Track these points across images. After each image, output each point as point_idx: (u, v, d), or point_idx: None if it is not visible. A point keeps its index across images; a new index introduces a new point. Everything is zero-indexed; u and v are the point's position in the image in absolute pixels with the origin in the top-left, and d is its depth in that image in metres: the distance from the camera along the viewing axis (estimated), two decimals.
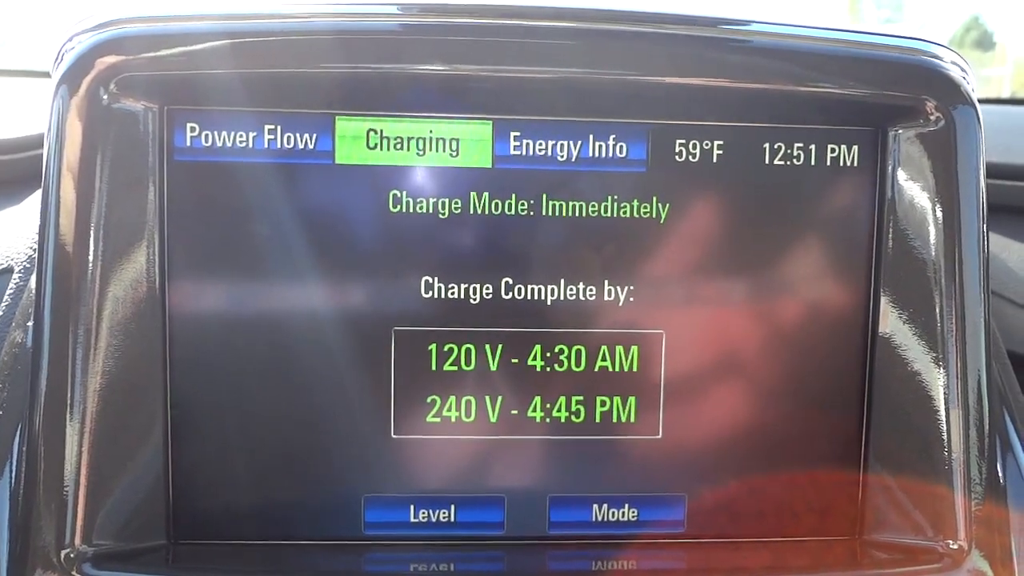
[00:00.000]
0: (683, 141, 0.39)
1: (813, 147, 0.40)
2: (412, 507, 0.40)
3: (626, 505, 0.41)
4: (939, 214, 0.39)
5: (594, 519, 0.40)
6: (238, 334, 0.38)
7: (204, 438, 0.39)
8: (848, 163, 0.40)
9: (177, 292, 0.38)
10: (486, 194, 0.39)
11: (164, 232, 0.38)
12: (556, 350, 0.39)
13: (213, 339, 0.38)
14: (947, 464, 0.39)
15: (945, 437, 0.39)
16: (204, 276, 0.38)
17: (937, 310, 0.39)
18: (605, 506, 0.40)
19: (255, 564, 0.38)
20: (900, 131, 0.39)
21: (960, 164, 0.39)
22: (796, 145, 0.40)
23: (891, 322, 0.40)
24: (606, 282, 0.39)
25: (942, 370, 0.39)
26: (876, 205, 0.40)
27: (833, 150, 0.40)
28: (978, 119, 0.39)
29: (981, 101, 0.39)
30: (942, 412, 0.39)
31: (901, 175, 0.39)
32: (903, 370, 0.40)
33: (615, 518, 0.41)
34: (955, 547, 0.39)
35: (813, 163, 0.40)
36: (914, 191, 0.39)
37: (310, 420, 0.39)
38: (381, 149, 0.38)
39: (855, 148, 0.40)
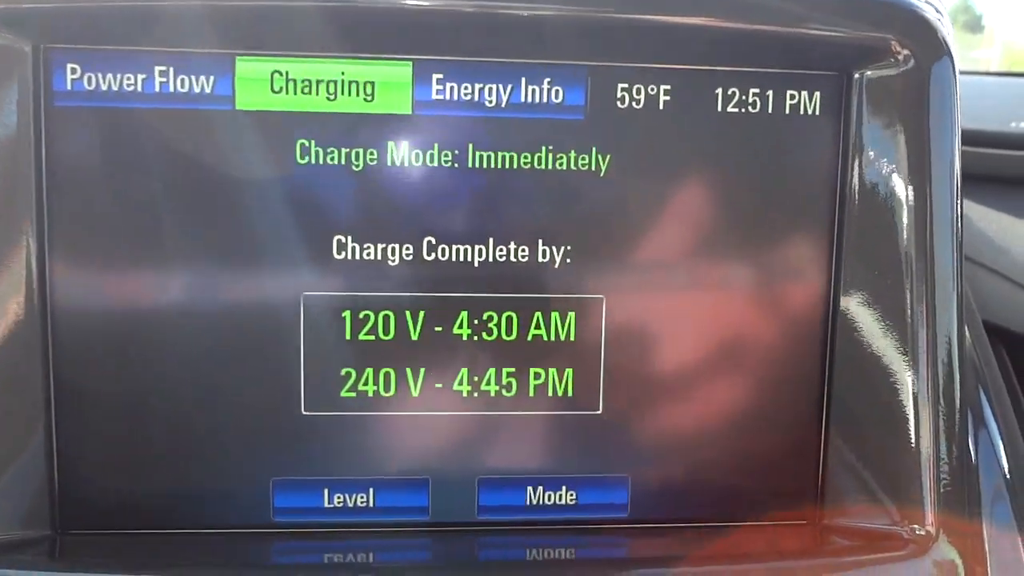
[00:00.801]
0: (625, 85, 0.35)
1: (770, 93, 0.36)
2: (326, 491, 0.36)
3: (563, 487, 0.37)
4: (909, 166, 0.35)
5: (528, 503, 0.37)
6: (128, 305, 0.34)
7: (93, 422, 0.35)
8: (809, 110, 0.36)
9: (58, 260, 0.34)
10: (405, 143, 0.35)
11: (43, 190, 0.34)
12: (484, 317, 0.36)
13: (99, 313, 0.34)
14: (914, 443, 0.36)
15: (912, 413, 0.36)
16: (89, 240, 0.34)
17: (905, 273, 0.36)
18: (540, 488, 0.37)
19: (151, 555, 0.35)
20: (867, 74, 0.36)
21: (932, 111, 0.35)
22: (752, 91, 0.36)
23: (855, 286, 0.37)
24: (540, 242, 0.36)
25: (909, 340, 0.36)
26: (840, 156, 0.36)
27: (792, 96, 0.36)
28: (952, 65, 0.35)
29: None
30: (909, 386, 0.36)
31: (867, 124, 0.36)
32: (867, 339, 0.36)
33: (551, 501, 0.37)
34: (921, 533, 0.35)
35: (770, 110, 0.36)
36: (881, 141, 0.36)
37: (211, 398, 0.35)
38: (287, 93, 0.34)
39: (817, 94, 0.36)
